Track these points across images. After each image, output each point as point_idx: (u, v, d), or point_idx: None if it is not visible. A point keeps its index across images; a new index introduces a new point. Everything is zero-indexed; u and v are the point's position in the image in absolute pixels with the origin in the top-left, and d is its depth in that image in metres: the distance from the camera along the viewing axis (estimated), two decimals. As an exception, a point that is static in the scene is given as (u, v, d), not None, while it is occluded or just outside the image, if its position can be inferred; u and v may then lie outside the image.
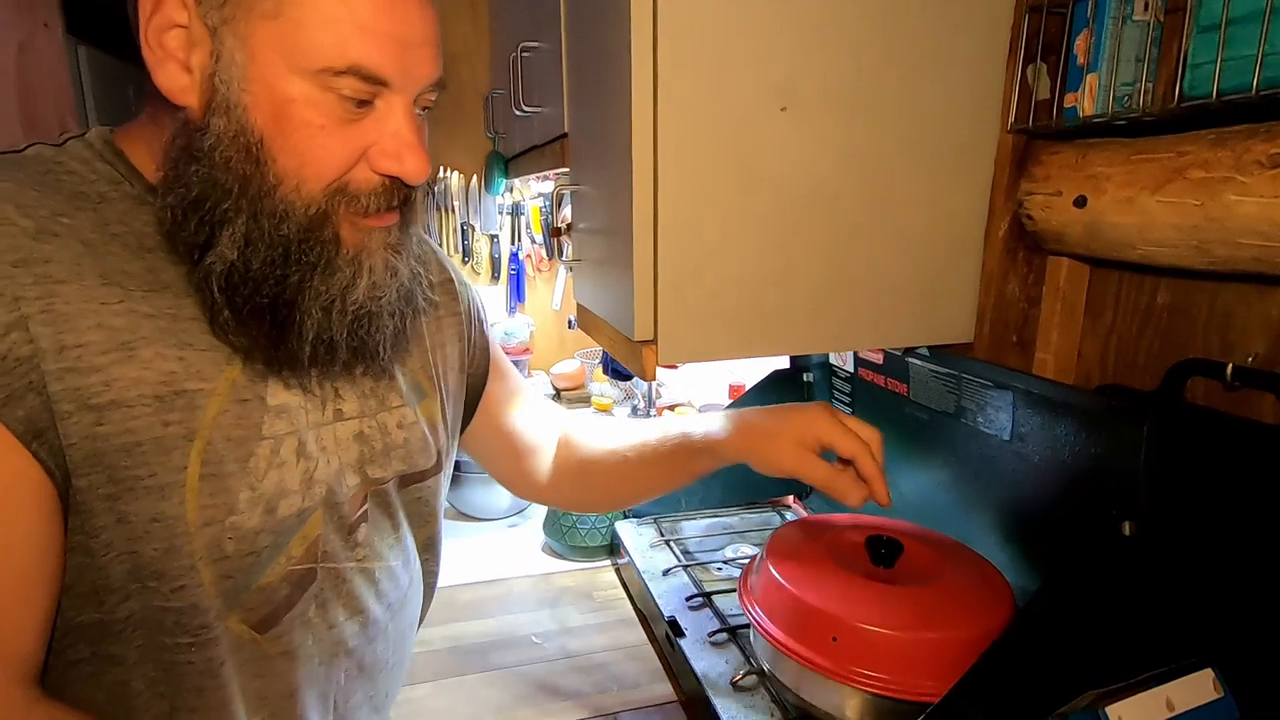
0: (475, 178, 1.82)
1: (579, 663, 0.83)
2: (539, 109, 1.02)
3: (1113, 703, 0.50)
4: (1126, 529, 0.56)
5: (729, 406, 0.82)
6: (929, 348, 0.75)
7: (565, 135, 0.88)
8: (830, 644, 0.56)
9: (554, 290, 1.89)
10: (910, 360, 0.78)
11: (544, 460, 0.74)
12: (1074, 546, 0.59)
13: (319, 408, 0.53)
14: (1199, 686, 0.53)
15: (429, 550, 0.65)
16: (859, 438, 0.61)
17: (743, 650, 0.72)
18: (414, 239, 0.54)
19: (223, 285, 0.46)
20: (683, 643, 0.74)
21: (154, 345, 0.45)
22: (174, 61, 0.44)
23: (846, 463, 0.62)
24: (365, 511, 0.56)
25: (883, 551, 0.62)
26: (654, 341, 0.64)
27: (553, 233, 0.80)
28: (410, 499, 0.60)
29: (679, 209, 0.62)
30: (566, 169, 0.88)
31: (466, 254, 1.97)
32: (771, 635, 0.60)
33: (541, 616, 0.92)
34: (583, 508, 0.77)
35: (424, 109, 0.50)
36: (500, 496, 1.19)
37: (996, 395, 0.67)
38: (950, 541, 0.66)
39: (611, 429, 0.74)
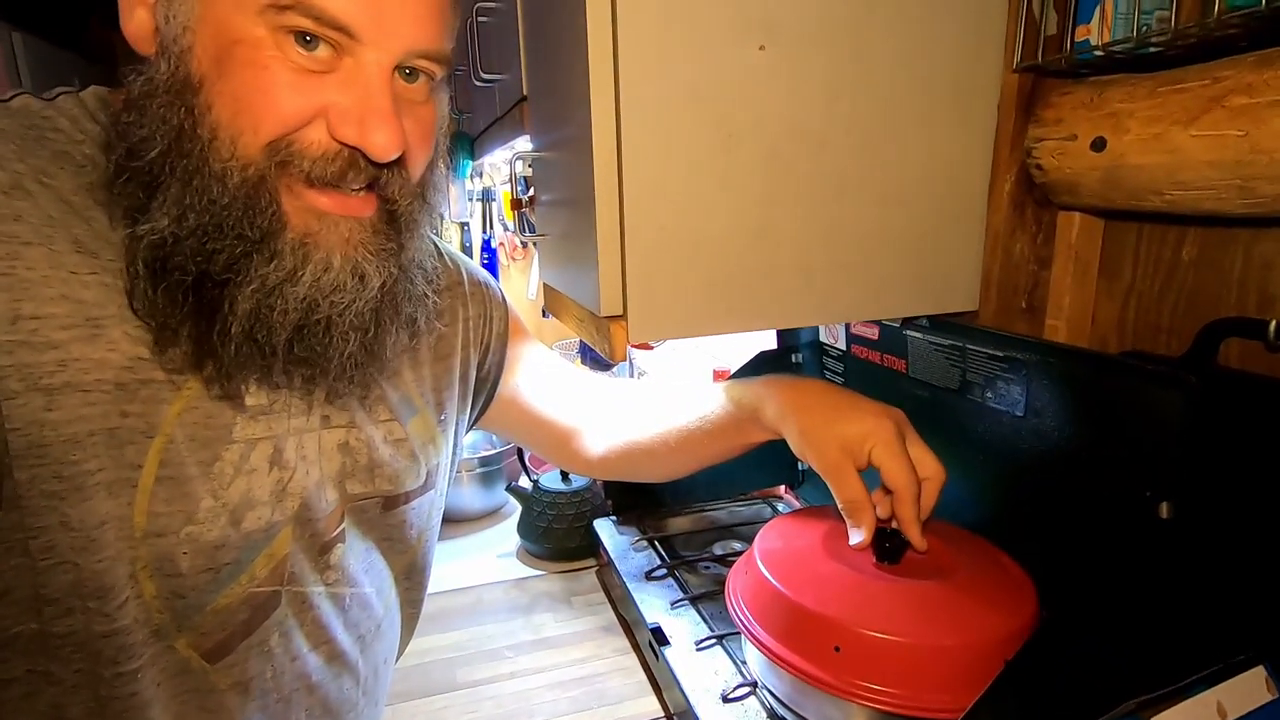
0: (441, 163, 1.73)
1: (555, 677, 0.76)
2: (499, 76, 0.93)
3: (1158, 712, 0.44)
4: (1163, 511, 0.49)
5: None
6: (929, 318, 0.68)
7: (524, 99, 0.80)
8: (832, 654, 0.48)
9: (529, 279, 1.81)
10: (908, 333, 0.71)
11: (590, 440, 0.68)
12: (1104, 534, 0.52)
13: (304, 412, 0.47)
14: (1251, 687, 0.46)
15: (411, 577, 0.59)
16: (912, 473, 0.53)
17: (734, 659, 0.65)
18: (414, 248, 0.47)
19: (148, 258, 0.39)
20: (667, 652, 0.67)
21: (124, 325, 0.40)
22: (141, 4, 0.39)
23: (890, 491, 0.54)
24: (342, 531, 0.51)
25: (887, 546, 0.54)
26: (623, 317, 0.56)
27: (514, 204, 0.72)
28: (395, 521, 0.55)
29: (645, 166, 0.54)
30: (527, 135, 0.80)
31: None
32: (765, 645, 0.52)
33: (515, 627, 0.84)
34: (640, 480, 0.73)
35: (412, 76, 0.43)
36: (471, 497, 1.11)
37: (1007, 367, 0.60)
38: (962, 533, 0.59)
39: (655, 401, 0.68)
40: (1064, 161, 0.58)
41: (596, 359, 1.61)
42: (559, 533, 0.97)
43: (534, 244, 0.74)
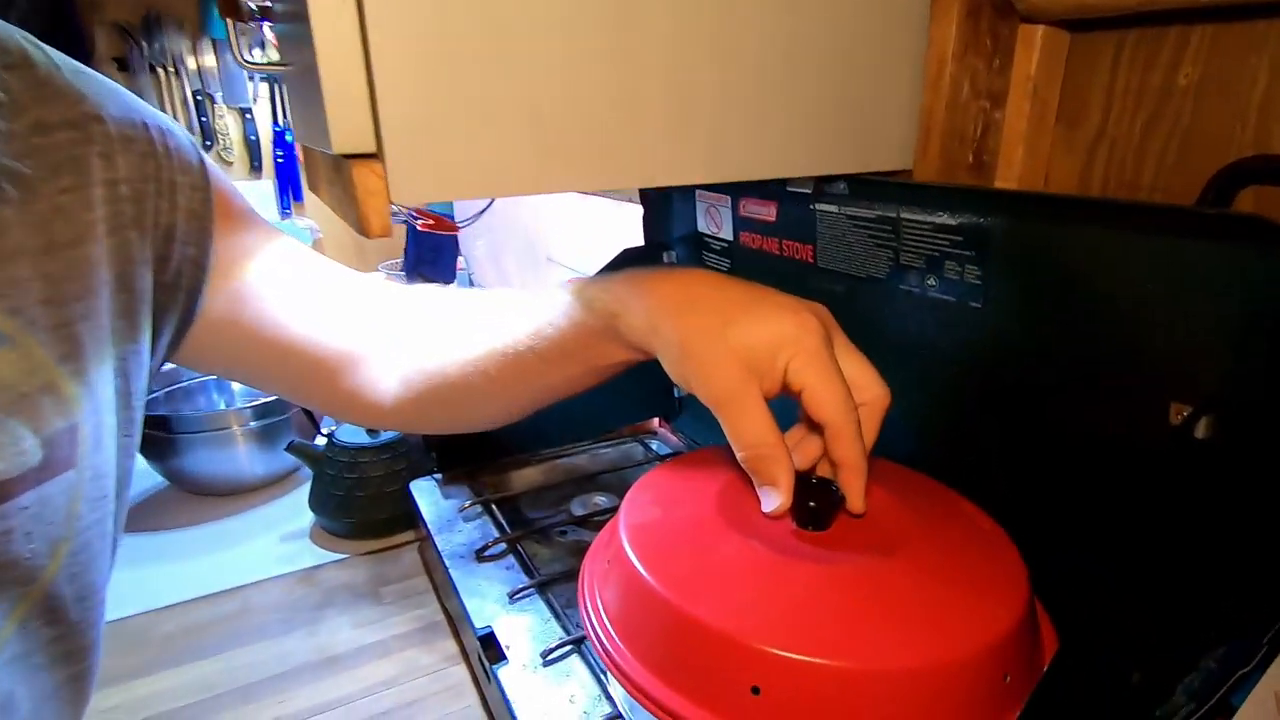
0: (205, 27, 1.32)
1: (347, 716, 0.53)
2: None
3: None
4: (1201, 430, 0.34)
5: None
6: (847, 181, 0.50)
7: None
8: (749, 699, 0.30)
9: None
10: (819, 208, 0.52)
11: (375, 373, 0.46)
12: (1106, 466, 0.37)
13: None
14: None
15: (53, 620, 0.35)
16: (847, 395, 0.34)
17: (598, 676, 0.46)
18: None
19: None
20: (502, 672, 0.47)
21: None
22: None
23: (817, 426, 0.36)
24: None
25: (813, 505, 0.36)
26: (377, 156, 0.32)
27: (224, 8, 0.44)
28: None
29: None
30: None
31: (208, 136, 1.47)
32: (641, 689, 0.33)
33: (293, 643, 0.60)
34: (456, 429, 0.51)
35: None
36: (247, 460, 0.83)
37: (962, 239, 0.43)
38: (906, 473, 0.42)
39: (470, 314, 0.47)
40: (1048, -71, 0.39)
41: (429, 273, 1.33)
42: (363, 501, 0.72)
43: (268, 78, 0.47)
